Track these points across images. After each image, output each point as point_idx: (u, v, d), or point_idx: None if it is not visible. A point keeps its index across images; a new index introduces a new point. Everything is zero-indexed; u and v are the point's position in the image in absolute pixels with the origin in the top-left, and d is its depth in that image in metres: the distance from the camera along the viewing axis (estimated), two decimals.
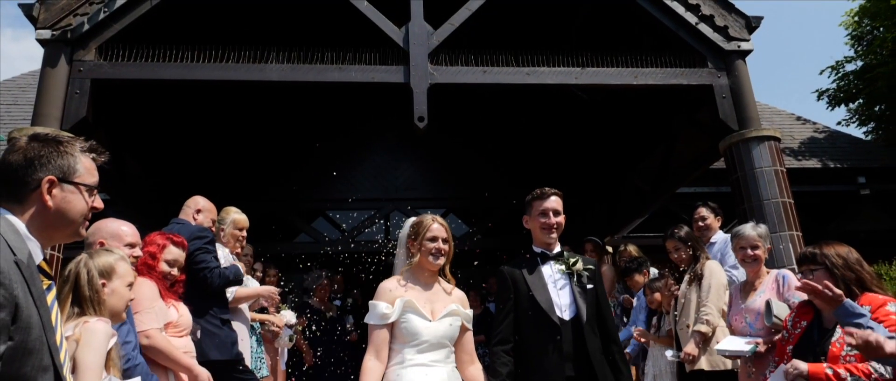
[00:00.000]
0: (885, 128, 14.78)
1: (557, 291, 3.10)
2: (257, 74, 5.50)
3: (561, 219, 3.21)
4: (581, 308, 3.04)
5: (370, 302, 2.88)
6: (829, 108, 14.98)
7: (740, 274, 4.26)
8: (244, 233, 4.59)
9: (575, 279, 3.12)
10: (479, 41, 5.97)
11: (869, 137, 15.11)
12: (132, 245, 3.13)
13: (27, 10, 5.26)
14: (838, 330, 3.01)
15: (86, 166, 1.72)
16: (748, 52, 6.18)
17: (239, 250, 4.60)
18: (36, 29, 5.24)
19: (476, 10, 5.96)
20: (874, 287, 3.01)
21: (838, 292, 2.70)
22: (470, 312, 3.02)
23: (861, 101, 14.46)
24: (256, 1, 6.61)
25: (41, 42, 5.26)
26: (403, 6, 5.96)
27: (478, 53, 5.88)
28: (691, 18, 6.15)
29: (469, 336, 3.00)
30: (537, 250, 3.22)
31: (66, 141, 1.73)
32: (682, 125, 7.02)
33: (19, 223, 1.58)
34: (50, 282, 1.63)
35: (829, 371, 2.87)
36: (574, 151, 9.33)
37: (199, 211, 4.27)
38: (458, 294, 3.04)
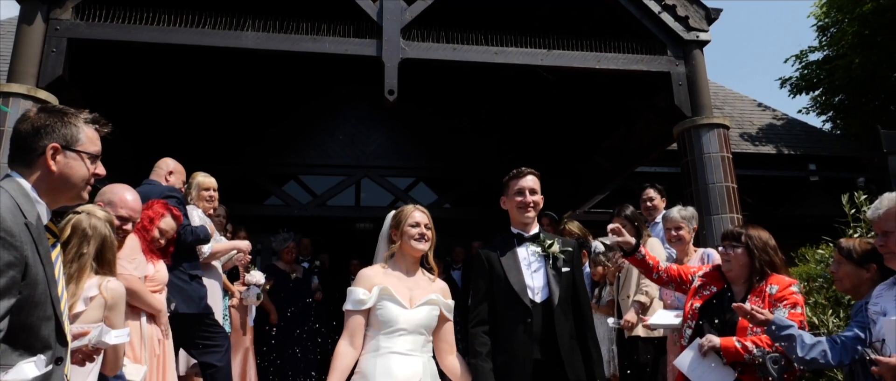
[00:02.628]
0: (844, 118, 15.40)
1: (531, 273, 3.10)
2: (233, 40, 5.65)
3: (538, 198, 3.20)
4: (553, 291, 3.04)
5: (348, 288, 2.90)
6: (791, 95, 15.52)
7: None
8: (211, 193, 4.84)
9: (550, 262, 3.10)
10: (450, 19, 6.17)
11: (826, 125, 15.73)
12: (124, 219, 3.23)
13: None
14: (747, 304, 3.39)
15: (88, 136, 1.91)
16: (706, 42, 6.50)
17: (211, 211, 4.84)
18: None
19: None
20: (782, 271, 3.40)
21: (768, 315, 2.98)
22: (451, 302, 3.01)
23: (820, 90, 15.03)
24: None
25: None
26: None
27: (449, 31, 6.09)
28: (654, 7, 6.43)
29: (449, 326, 3.01)
30: (514, 231, 3.22)
31: (71, 112, 1.93)
32: (641, 108, 7.35)
33: (28, 186, 1.80)
34: (54, 240, 1.87)
35: (738, 344, 3.24)
36: (540, 128, 9.63)
37: (171, 172, 4.49)
38: (441, 284, 3.05)
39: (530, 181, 3.20)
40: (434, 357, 2.94)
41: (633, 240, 3.57)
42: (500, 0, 6.87)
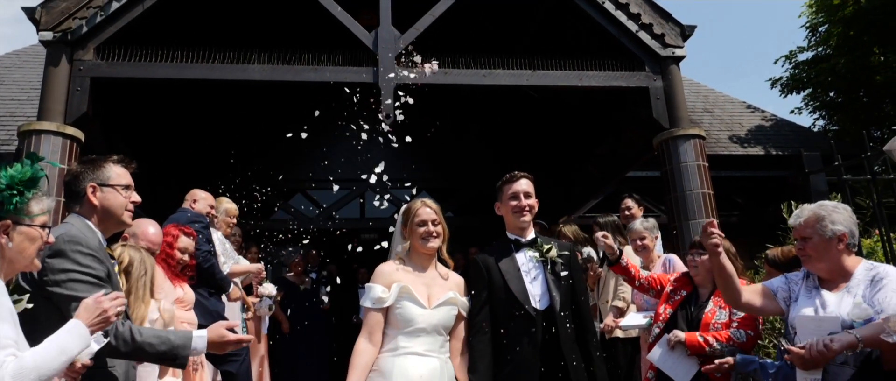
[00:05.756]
0: (836, 115, 15.73)
1: (531, 280, 3.00)
2: (241, 73, 6.13)
3: (533, 201, 3.12)
4: (554, 298, 2.95)
5: (366, 284, 2.91)
6: (783, 95, 15.87)
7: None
8: (234, 220, 5.34)
9: (549, 267, 3.02)
10: (441, 45, 6.63)
11: (819, 123, 16.07)
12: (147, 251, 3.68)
13: (30, 12, 5.80)
14: (711, 303, 3.85)
15: (117, 172, 2.49)
16: (682, 58, 6.92)
17: (228, 231, 5.33)
18: (38, 31, 5.78)
19: (439, 15, 6.60)
20: (740, 276, 3.85)
21: (730, 361, 3.34)
22: (467, 300, 2.99)
23: (810, 90, 15.35)
24: (239, 5, 7.19)
25: (43, 43, 5.81)
26: (373, 6, 6.61)
27: (440, 56, 6.54)
28: (632, 26, 6.86)
29: (464, 325, 2.97)
30: (511, 236, 3.13)
31: (101, 158, 2.52)
32: (627, 120, 7.76)
33: (87, 221, 2.37)
34: (112, 260, 2.41)
35: (700, 339, 3.69)
36: (534, 138, 10.07)
37: (195, 201, 4.97)
38: (456, 279, 3.02)
39: (524, 185, 3.13)
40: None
41: (617, 249, 3.98)
42: (488, 25, 7.32)
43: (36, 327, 2.06)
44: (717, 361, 3.40)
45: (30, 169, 2.03)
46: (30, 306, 2.07)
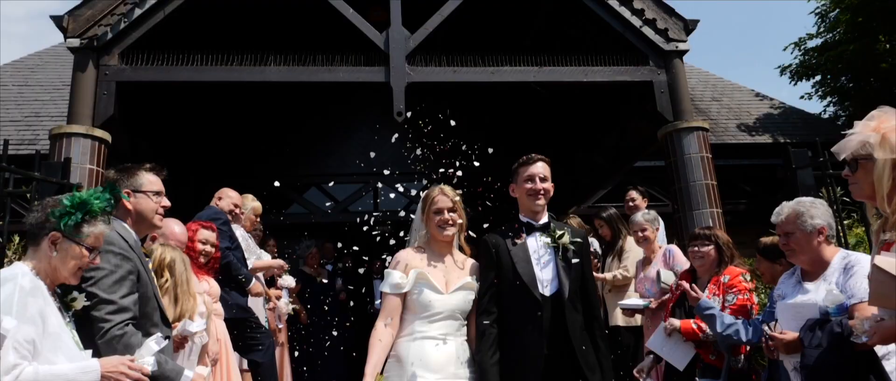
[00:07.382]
0: (847, 101, 15.73)
1: (541, 265, 2.95)
2: (258, 75, 6.39)
3: (548, 185, 3.07)
4: (564, 284, 2.91)
5: (385, 270, 2.96)
6: (792, 82, 15.89)
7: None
8: (258, 218, 5.61)
9: (560, 253, 2.96)
10: (450, 44, 6.84)
11: (829, 109, 16.08)
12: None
13: (58, 21, 6.08)
14: (707, 290, 4.06)
15: (148, 180, 2.76)
16: (685, 51, 7.07)
17: (251, 228, 5.61)
18: (65, 38, 6.07)
19: (447, 15, 6.82)
20: (737, 263, 4.06)
21: (699, 295, 3.65)
22: None
23: (820, 77, 15.36)
24: (255, 9, 7.44)
25: (71, 49, 6.10)
26: (383, 2, 6.83)
27: (449, 55, 6.75)
28: (636, 21, 7.02)
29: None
30: (523, 219, 3.08)
31: (134, 167, 2.78)
32: (632, 112, 7.93)
33: (123, 223, 2.66)
34: (146, 257, 2.69)
35: (694, 326, 3.91)
36: (541, 130, 10.25)
37: (220, 198, 5.22)
38: (473, 265, 3.04)
39: (541, 168, 3.08)
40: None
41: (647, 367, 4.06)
42: (495, 24, 7.51)
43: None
44: (692, 286, 3.63)
45: (91, 196, 2.29)
46: (88, 302, 2.33)
